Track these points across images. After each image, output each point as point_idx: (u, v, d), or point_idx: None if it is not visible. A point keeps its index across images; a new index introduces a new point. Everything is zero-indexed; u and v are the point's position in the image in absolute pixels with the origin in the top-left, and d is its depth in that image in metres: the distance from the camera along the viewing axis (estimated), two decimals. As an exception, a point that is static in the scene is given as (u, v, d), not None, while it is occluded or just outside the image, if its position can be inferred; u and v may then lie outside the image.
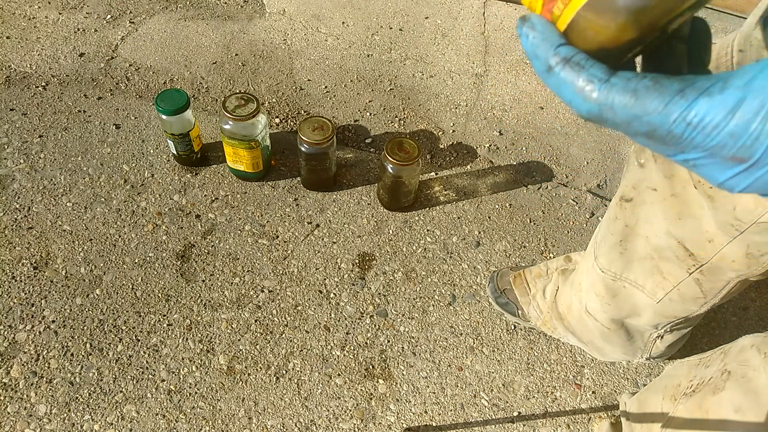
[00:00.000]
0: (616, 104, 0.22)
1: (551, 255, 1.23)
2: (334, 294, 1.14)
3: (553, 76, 0.24)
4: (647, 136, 0.23)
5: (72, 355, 1.02)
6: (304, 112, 1.47)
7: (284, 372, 1.04)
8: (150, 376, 1.01)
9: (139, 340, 1.05)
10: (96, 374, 1.01)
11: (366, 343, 1.08)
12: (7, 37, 1.55)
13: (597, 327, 0.95)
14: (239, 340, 1.06)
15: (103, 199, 1.23)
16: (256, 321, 1.09)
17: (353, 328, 1.10)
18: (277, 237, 1.21)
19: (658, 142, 0.23)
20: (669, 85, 0.22)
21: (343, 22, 1.70)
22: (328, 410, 1.00)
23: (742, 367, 0.69)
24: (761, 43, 0.54)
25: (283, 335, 1.08)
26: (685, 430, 0.73)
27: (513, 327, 1.12)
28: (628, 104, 0.22)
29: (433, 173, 1.35)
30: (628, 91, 0.22)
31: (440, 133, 1.45)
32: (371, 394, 1.03)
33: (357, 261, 1.19)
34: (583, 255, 1.00)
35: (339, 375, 1.04)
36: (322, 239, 1.22)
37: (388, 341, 1.09)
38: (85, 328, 1.06)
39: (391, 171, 1.15)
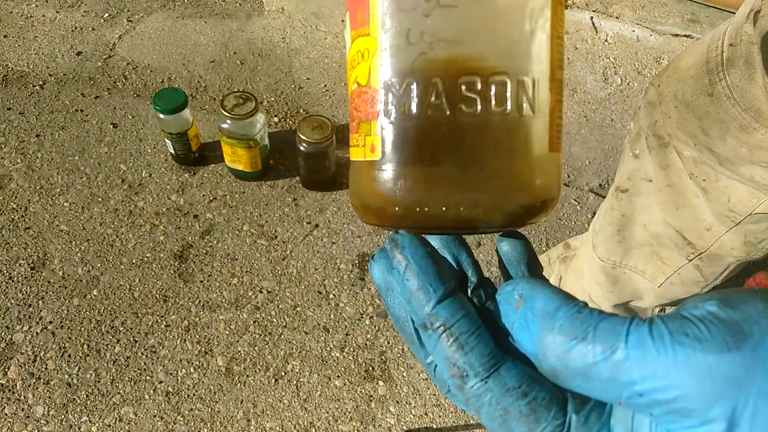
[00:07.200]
0: (482, 413, 0.19)
1: (552, 255, 1.23)
2: (333, 295, 1.13)
3: (428, 339, 0.20)
4: None
5: (69, 356, 1.02)
6: (303, 110, 1.46)
7: (283, 373, 1.03)
8: (148, 377, 1.00)
9: (136, 342, 1.04)
10: (93, 375, 1.00)
11: (366, 344, 1.08)
12: (5, 36, 1.54)
13: None
14: (237, 341, 1.06)
15: (100, 199, 1.23)
16: (254, 322, 1.08)
17: (353, 329, 1.09)
18: (276, 237, 1.20)
19: None
20: (543, 420, 0.18)
21: (342, 20, 1.69)
22: (328, 412, 0.99)
23: None
24: (750, 38, 0.53)
25: (282, 336, 1.07)
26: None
27: (514, 328, 1.12)
28: (494, 419, 0.19)
29: (433, 172, 1.34)
30: (499, 408, 0.18)
31: (440, 132, 1.44)
32: (371, 395, 1.02)
33: (356, 261, 1.18)
34: (582, 240, 1.00)
35: (338, 376, 1.03)
36: (322, 239, 1.21)
37: (388, 342, 1.08)
38: (83, 329, 1.05)
39: (390, 170, 1.14)
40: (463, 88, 0.19)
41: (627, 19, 1.72)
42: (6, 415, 0.95)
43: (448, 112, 0.19)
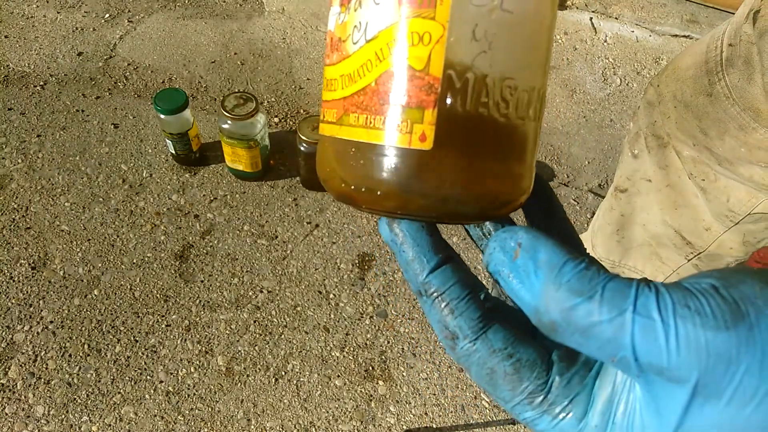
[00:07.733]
0: (472, 372, 0.21)
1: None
2: (333, 294, 1.13)
3: (423, 304, 0.21)
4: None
5: (70, 356, 1.02)
6: (304, 111, 1.46)
7: (283, 373, 1.03)
8: (148, 377, 1.01)
9: (137, 341, 1.04)
10: (94, 375, 1.00)
11: (366, 344, 1.08)
12: (6, 37, 1.54)
13: None
14: (238, 341, 1.06)
15: (101, 199, 1.23)
16: (255, 322, 1.08)
17: (353, 329, 1.09)
18: (276, 237, 1.20)
19: None
20: (526, 380, 0.20)
21: (342, 21, 1.69)
22: (328, 412, 1.00)
23: None
24: (749, 38, 0.53)
25: (282, 336, 1.07)
26: None
27: (513, 328, 1.12)
28: (482, 377, 0.20)
29: (433, 173, 1.35)
30: (486, 367, 0.20)
31: (440, 132, 1.44)
32: (371, 395, 1.02)
33: (357, 261, 1.18)
34: (581, 240, 1.00)
35: (338, 376, 1.04)
36: (322, 239, 1.21)
37: (388, 342, 1.08)
38: (83, 328, 1.05)
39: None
40: (505, 91, 0.21)
41: (626, 19, 1.72)
42: (6, 414, 0.95)
43: (490, 111, 0.21)
